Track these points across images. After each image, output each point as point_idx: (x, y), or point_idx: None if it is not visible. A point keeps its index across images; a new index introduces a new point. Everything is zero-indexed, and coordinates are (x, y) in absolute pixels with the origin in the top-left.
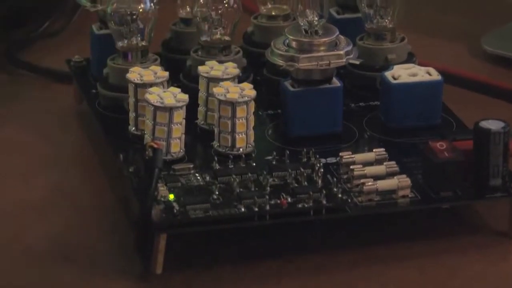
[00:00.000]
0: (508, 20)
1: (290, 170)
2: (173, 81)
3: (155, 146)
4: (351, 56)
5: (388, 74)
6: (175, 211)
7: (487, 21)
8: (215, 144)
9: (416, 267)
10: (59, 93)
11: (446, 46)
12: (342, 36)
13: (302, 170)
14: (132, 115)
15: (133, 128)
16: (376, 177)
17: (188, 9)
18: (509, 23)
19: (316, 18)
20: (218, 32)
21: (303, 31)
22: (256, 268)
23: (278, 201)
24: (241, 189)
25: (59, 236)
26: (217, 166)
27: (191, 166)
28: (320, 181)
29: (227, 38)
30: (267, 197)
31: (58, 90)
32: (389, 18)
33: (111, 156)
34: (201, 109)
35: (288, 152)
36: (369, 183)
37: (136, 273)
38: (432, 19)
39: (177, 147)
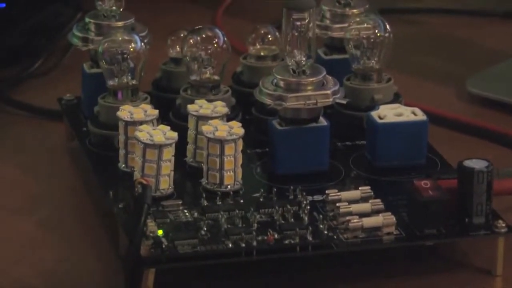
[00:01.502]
0: (491, 63)
1: (277, 207)
2: (162, 119)
3: (144, 182)
4: (338, 95)
5: (374, 113)
6: (163, 246)
7: (472, 64)
8: (204, 181)
9: None
10: (50, 131)
11: (432, 88)
12: (329, 76)
13: (289, 207)
14: (122, 152)
15: (123, 165)
16: (362, 215)
17: (178, 49)
18: (493, 66)
19: (304, 59)
20: (208, 72)
21: (291, 71)
22: None
23: (265, 238)
24: (229, 225)
25: (49, 272)
26: (205, 203)
27: (180, 202)
28: (306, 218)
29: (216, 77)
30: (254, 233)
31: (49, 128)
32: (375, 59)
33: (101, 193)
34: (190, 147)
35: (275, 190)
36: (355, 220)
37: None
38: (418, 61)
39: (166, 184)
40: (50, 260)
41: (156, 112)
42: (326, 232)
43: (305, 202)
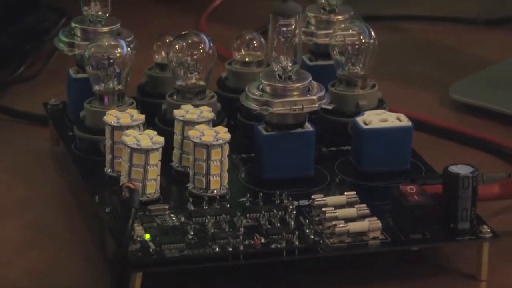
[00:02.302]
0: (474, 70)
1: (263, 212)
2: (148, 125)
3: (132, 186)
4: (324, 101)
5: (359, 119)
6: (151, 250)
7: (455, 71)
8: (190, 186)
9: None
10: (36, 136)
11: (416, 94)
12: (314, 82)
13: (275, 212)
14: (108, 157)
15: (109, 170)
16: (348, 219)
17: (163, 54)
18: (475, 73)
19: (290, 64)
20: (194, 77)
21: (277, 77)
22: None
23: (252, 242)
24: (216, 230)
25: (38, 274)
26: (192, 207)
27: (167, 207)
28: (292, 223)
29: (202, 82)
30: (241, 237)
31: (35, 133)
32: (360, 65)
33: (88, 197)
34: (176, 152)
35: (261, 195)
36: (341, 225)
37: None
38: (402, 68)
39: (152, 188)
40: (38, 263)
41: (143, 117)
42: (312, 236)
43: (291, 207)
